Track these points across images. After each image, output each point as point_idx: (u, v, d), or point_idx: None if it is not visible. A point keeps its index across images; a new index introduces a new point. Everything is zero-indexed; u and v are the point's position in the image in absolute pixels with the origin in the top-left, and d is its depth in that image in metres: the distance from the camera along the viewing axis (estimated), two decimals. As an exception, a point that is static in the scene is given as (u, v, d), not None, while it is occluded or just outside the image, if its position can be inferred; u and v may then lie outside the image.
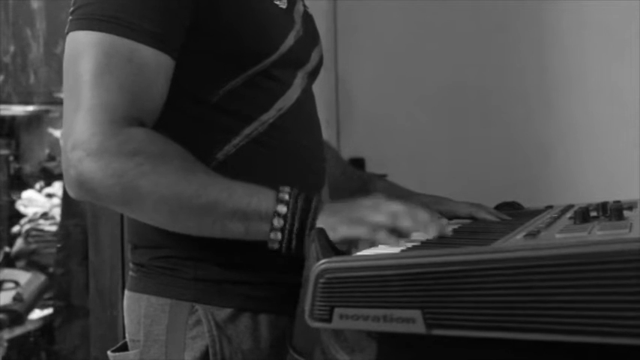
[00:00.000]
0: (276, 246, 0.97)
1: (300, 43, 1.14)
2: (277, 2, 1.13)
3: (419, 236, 1.00)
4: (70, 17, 1.02)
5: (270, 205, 0.96)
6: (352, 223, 0.95)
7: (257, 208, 0.96)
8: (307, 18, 1.22)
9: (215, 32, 1.05)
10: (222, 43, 1.06)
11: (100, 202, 1.00)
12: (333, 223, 0.95)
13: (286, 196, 0.97)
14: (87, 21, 0.99)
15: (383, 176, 1.54)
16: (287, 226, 0.96)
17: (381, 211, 0.95)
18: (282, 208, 0.96)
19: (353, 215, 0.96)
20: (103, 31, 0.98)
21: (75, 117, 0.97)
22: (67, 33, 1.02)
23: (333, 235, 0.93)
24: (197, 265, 1.08)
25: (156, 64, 1.00)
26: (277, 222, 0.96)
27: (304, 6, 1.24)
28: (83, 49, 0.99)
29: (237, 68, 1.07)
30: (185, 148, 1.00)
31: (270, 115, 1.10)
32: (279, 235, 0.96)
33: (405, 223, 0.94)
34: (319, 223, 0.95)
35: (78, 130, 0.96)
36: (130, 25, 0.98)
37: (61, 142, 1.00)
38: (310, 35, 1.20)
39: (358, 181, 1.37)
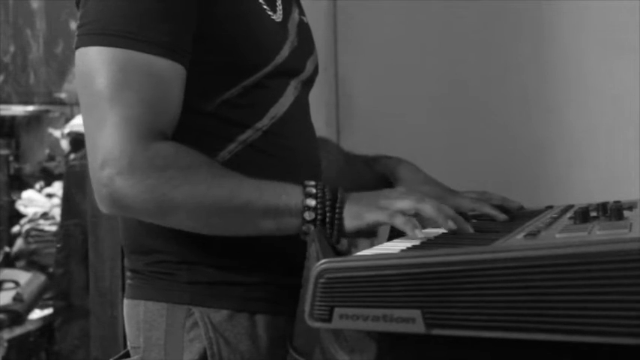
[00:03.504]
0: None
1: (295, 53, 1.15)
2: (273, 17, 1.14)
3: (433, 230, 1.01)
4: (79, 32, 1.02)
5: (299, 199, 1.00)
6: (376, 209, 0.99)
7: (287, 204, 1.00)
8: (303, 27, 1.22)
9: (213, 45, 1.06)
10: (219, 56, 1.07)
11: (135, 216, 1.04)
12: (358, 210, 1.00)
13: (313, 190, 1.01)
14: (98, 36, 0.99)
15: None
16: (318, 217, 1.00)
17: (405, 198, 1.00)
18: (311, 202, 1.00)
19: (378, 203, 1.00)
20: (116, 47, 0.98)
21: (100, 134, 0.98)
22: (77, 48, 1.02)
23: (360, 222, 0.99)
24: (191, 268, 1.08)
25: (171, 75, 1.01)
26: (308, 215, 1.00)
27: (300, 14, 1.24)
28: (98, 66, 0.99)
29: (233, 79, 1.08)
30: None
31: (263, 123, 1.11)
32: (311, 227, 1.00)
33: (427, 210, 0.99)
34: (346, 212, 1.00)
35: (105, 147, 0.97)
36: (142, 38, 0.99)
37: (89, 159, 1.00)
38: (305, 45, 1.21)
39: (362, 163, 1.38)
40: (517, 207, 1.21)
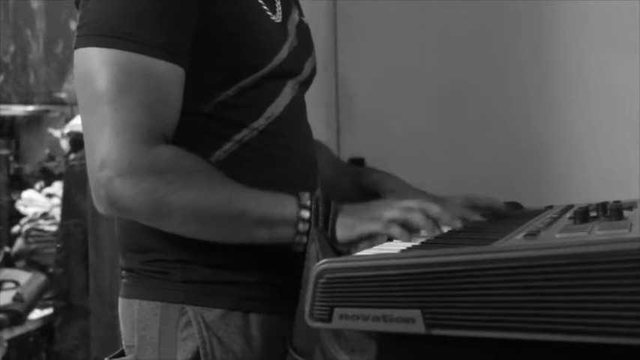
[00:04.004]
0: (301, 248, 1.01)
1: (294, 54, 1.16)
2: (272, 17, 1.15)
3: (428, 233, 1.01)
4: (78, 33, 1.02)
5: (294, 211, 1.02)
6: (368, 221, 1.01)
7: (282, 215, 1.01)
8: (302, 28, 1.22)
9: (212, 46, 1.06)
10: (218, 57, 1.07)
11: (131, 217, 1.04)
12: (351, 222, 1.02)
13: (308, 202, 1.02)
14: (98, 37, 1.00)
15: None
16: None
17: (393, 207, 1.02)
18: (305, 213, 1.01)
19: (369, 214, 1.02)
20: (117, 48, 0.99)
21: (99, 136, 0.98)
22: (76, 48, 1.02)
23: (351, 233, 1.01)
24: (186, 267, 1.08)
25: (171, 77, 1.02)
26: (302, 226, 1.01)
27: (300, 15, 1.24)
28: (98, 67, 0.99)
29: (230, 80, 1.09)
30: None
31: (260, 123, 1.11)
32: (304, 239, 1.01)
33: (416, 217, 1.00)
34: (338, 224, 1.02)
35: (105, 149, 0.97)
36: (142, 40, 0.99)
37: (88, 162, 1.00)
38: (304, 46, 1.21)
39: (351, 174, 1.38)
40: (501, 206, 1.21)
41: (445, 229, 1.04)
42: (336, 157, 1.48)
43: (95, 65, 0.99)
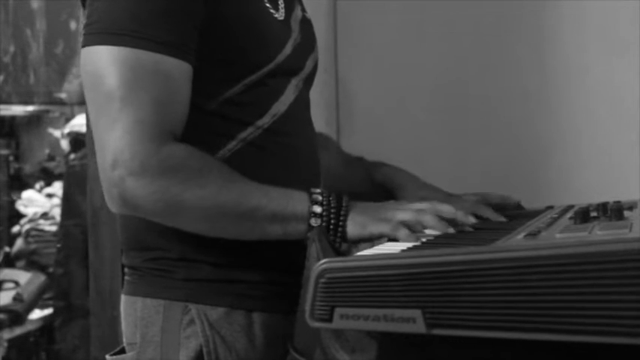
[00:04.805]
0: None
1: (297, 50, 1.16)
2: (276, 15, 1.15)
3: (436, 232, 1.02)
4: (86, 31, 1.02)
5: (305, 206, 1.02)
6: (380, 221, 1.01)
7: (293, 211, 1.02)
8: (305, 23, 1.23)
9: (218, 44, 1.06)
10: (223, 54, 1.07)
11: (144, 216, 1.04)
12: (363, 220, 1.02)
13: (319, 197, 1.03)
14: (106, 35, 1.00)
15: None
16: (324, 224, 1.02)
17: (406, 209, 1.02)
18: (318, 208, 1.02)
19: (381, 214, 1.02)
20: (125, 46, 0.99)
21: (110, 135, 0.98)
22: (84, 47, 1.02)
23: (362, 231, 1.02)
24: (189, 265, 1.09)
25: (179, 73, 1.02)
26: (314, 221, 1.02)
27: (302, 11, 1.24)
28: (107, 65, 0.99)
29: (234, 78, 1.09)
30: None
31: (264, 121, 1.11)
32: None
33: (428, 221, 1.01)
34: (350, 220, 1.02)
35: (116, 148, 0.97)
36: (150, 37, 0.99)
37: (99, 161, 1.00)
38: (307, 41, 1.21)
39: (361, 169, 1.39)
40: (515, 203, 1.22)
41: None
42: (342, 150, 1.48)
43: (104, 63, 0.99)
